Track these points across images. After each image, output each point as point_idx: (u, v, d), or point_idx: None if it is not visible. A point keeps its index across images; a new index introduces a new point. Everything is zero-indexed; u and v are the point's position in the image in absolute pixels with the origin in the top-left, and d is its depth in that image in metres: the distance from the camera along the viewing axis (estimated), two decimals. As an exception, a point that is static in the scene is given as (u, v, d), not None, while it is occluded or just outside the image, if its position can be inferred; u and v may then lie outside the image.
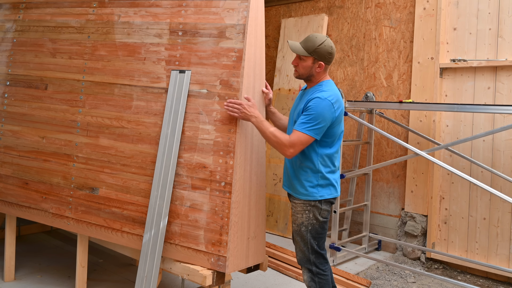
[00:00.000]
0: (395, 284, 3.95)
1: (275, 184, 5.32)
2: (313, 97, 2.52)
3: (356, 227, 4.99)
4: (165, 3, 2.95)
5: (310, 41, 2.57)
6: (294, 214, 2.68)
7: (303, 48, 2.58)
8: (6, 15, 3.59)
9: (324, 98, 2.49)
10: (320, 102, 2.48)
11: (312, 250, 2.63)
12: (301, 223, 2.63)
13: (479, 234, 4.15)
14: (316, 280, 2.64)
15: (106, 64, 3.09)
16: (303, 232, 2.63)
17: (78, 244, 3.23)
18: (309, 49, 2.56)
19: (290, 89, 5.41)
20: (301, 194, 2.62)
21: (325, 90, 2.56)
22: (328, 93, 2.53)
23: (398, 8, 4.79)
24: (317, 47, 2.55)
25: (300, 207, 2.63)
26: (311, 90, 2.64)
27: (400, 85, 4.76)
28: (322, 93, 2.52)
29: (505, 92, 4.04)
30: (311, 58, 2.58)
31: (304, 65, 2.61)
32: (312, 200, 2.60)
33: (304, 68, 2.62)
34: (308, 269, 2.66)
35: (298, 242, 2.67)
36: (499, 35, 4.09)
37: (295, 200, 2.68)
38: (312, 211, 2.60)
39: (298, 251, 2.70)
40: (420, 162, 4.48)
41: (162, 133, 2.79)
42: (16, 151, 3.39)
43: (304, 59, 2.60)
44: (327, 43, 2.56)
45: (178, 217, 2.72)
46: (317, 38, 2.57)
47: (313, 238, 2.62)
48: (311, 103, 2.50)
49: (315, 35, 2.59)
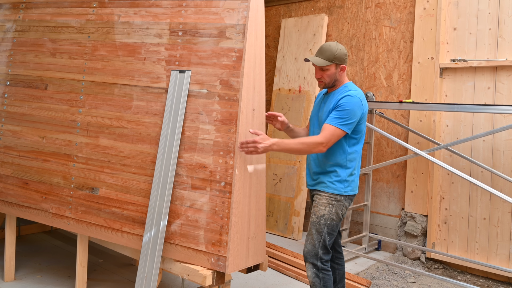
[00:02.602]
0: (395, 284, 3.95)
1: (275, 184, 5.32)
2: (344, 95, 2.70)
3: (356, 227, 4.99)
4: (165, 3, 2.95)
5: (327, 51, 2.73)
6: (316, 206, 2.75)
7: (324, 59, 2.73)
8: (6, 15, 3.59)
9: (354, 96, 2.69)
10: (351, 99, 2.67)
11: (323, 245, 2.70)
12: (322, 215, 2.71)
13: (479, 234, 4.15)
14: (320, 276, 2.69)
15: (106, 64, 3.09)
16: (321, 225, 2.70)
17: (78, 244, 3.23)
18: (330, 58, 2.72)
19: (290, 89, 5.41)
20: (328, 187, 2.72)
21: (352, 89, 2.75)
22: (356, 92, 2.73)
23: (398, 8, 4.79)
24: (336, 53, 2.72)
25: (325, 200, 2.72)
26: (337, 92, 2.78)
27: (400, 85, 4.77)
28: (351, 92, 2.72)
29: (505, 92, 4.04)
30: (334, 65, 2.75)
31: (329, 73, 2.76)
32: (339, 194, 2.71)
33: (329, 77, 2.77)
34: (313, 264, 2.70)
35: (312, 234, 2.73)
36: (499, 35, 4.09)
37: (320, 192, 2.76)
38: (336, 206, 2.71)
39: (308, 243, 2.74)
40: (420, 162, 4.48)
41: (162, 133, 2.79)
42: (16, 151, 3.39)
43: (327, 68, 2.75)
44: (341, 47, 2.75)
45: (178, 217, 2.72)
46: (331, 46, 2.73)
47: (328, 234, 2.71)
48: (342, 100, 2.68)
49: (328, 44, 2.76)
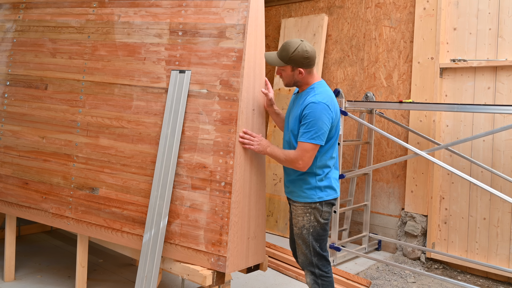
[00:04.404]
0: (395, 284, 3.95)
1: (275, 184, 5.32)
2: (308, 102, 2.47)
3: (356, 227, 4.99)
4: (165, 3, 2.95)
5: (284, 50, 2.51)
6: (294, 217, 2.66)
7: (279, 59, 2.54)
8: (6, 15, 3.59)
9: (319, 102, 2.44)
10: (316, 106, 2.43)
11: (315, 252, 2.61)
12: (302, 226, 2.61)
13: (479, 234, 4.15)
14: (319, 283, 2.62)
15: (106, 64, 3.09)
16: (304, 235, 2.61)
17: (78, 244, 3.23)
18: (284, 59, 2.52)
19: (290, 89, 5.41)
20: (300, 197, 2.61)
21: (317, 93, 2.50)
22: (322, 96, 2.48)
23: (398, 8, 4.78)
24: (291, 55, 2.48)
25: (300, 210, 2.61)
26: (304, 94, 2.59)
27: (400, 85, 4.76)
28: (315, 97, 2.47)
29: (505, 92, 4.04)
30: (289, 67, 2.54)
31: (285, 74, 2.59)
32: (312, 202, 2.58)
33: (287, 77, 2.60)
34: (311, 271, 2.64)
35: (300, 245, 2.65)
36: (499, 35, 4.09)
37: (294, 203, 2.66)
38: (313, 213, 2.58)
39: (300, 254, 2.68)
40: (420, 162, 4.48)
41: (162, 133, 2.79)
42: (16, 151, 3.39)
43: (283, 69, 2.57)
44: (300, 48, 2.47)
45: (178, 217, 2.72)
46: (290, 46, 2.49)
47: (315, 240, 2.61)
48: (307, 110, 2.45)
49: (289, 42, 2.52)
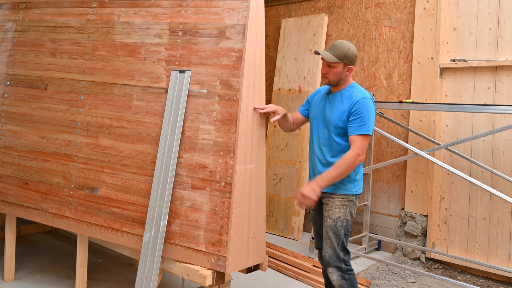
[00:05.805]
0: (395, 284, 3.95)
1: (275, 184, 5.32)
2: (358, 98, 2.66)
3: (356, 227, 4.99)
4: (165, 3, 2.95)
5: (339, 48, 2.68)
6: (330, 209, 2.70)
7: (334, 56, 2.69)
8: (6, 15, 3.59)
9: (367, 97, 2.68)
10: (366, 101, 2.65)
11: (342, 246, 2.69)
12: (338, 218, 2.68)
13: (479, 234, 4.15)
14: (346, 277, 2.67)
15: (106, 64, 3.09)
16: (338, 228, 2.67)
17: (78, 244, 3.23)
18: (340, 56, 2.67)
19: (290, 89, 5.41)
20: (339, 189, 2.70)
21: (361, 90, 2.72)
22: (366, 92, 2.72)
23: (398, 8, 4.78)
24: (347, 52, 2.67)
25: (338, 202, 2.70)
26: (345, 93, 2.74)
27: (400, 85, 4.76)
28: (362, 93, 2.69)
29: (505, 92, 4.04)
30: (342, 64, 2.70)
31: (335, 71, 2.72)
32: (351, 194, 2.71)
33: (335, 74, 2.72)
34: (338, 267, 2.67)
35: (330, 238, 2.69)
36: (499, 35, 4.09)
37: (332, 195, 2.72)
38: (349, 206, 2.70)
39: (328, 248, 2.70)
40: (420, 162, 4.48)
41: (162, 133, 2.79)
42: (16, 151, 3.39)
43: (334, 65, 2.71)
44: (353, 48, 2.71)
45: (178, 217, 2.72)
46: (343, 45, 2.69)
47: (345, 235, 2.70)
48: (358, 105, 2.64)
49: (341, 41, 2.72)
